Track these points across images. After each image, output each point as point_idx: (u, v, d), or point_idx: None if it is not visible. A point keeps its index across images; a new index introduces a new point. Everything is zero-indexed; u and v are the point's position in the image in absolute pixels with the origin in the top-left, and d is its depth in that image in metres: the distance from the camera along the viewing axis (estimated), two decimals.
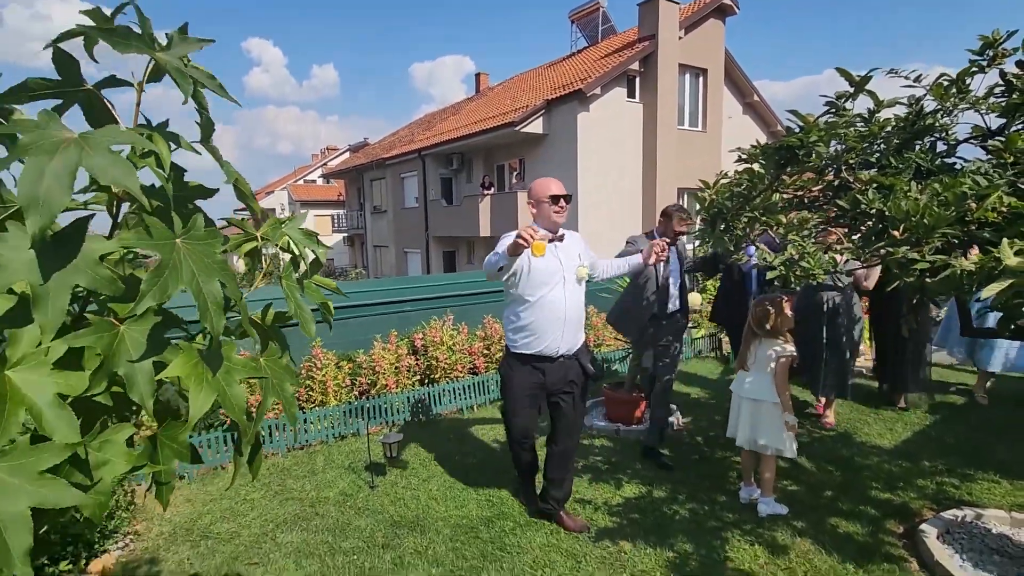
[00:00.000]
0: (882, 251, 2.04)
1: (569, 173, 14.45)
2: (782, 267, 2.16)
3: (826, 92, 2.47)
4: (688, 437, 4.04)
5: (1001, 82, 2.35)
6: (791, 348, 2.93)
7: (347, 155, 32.89)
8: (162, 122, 0.75)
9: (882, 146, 2.57)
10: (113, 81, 0.73)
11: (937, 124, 2.48)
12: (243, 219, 0.96)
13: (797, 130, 2.13)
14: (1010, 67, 2.35)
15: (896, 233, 1.96)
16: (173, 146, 0.74)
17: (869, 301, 4.71)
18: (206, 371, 0.74)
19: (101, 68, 0.87)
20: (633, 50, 14.78)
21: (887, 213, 2.02)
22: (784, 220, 2.41)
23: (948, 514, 2.79)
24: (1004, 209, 1.88)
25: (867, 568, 2.43)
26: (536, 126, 14.95)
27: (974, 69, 2.39)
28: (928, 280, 1.77)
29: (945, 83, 2.42)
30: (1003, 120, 2.34)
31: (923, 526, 2.67)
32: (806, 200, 2.77)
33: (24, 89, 0.66)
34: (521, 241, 2.23)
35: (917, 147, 2.52)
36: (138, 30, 0.68)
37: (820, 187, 2.75)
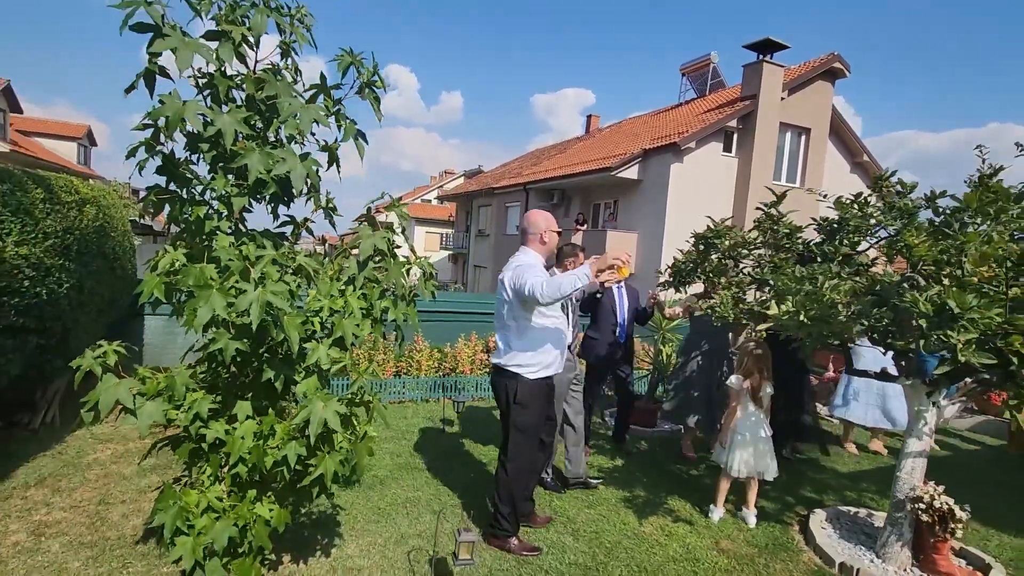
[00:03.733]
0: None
1: (658, 218, 15.55)
2: (708, 309, 3.42)
3: (984, 147, 2.77)
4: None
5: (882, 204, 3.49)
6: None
7: (461, 180, 35.93)
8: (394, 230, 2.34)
9: (822, 236, 3.75)
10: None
11: (862, 226, 3.62)
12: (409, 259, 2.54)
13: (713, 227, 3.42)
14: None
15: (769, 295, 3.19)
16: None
17: None
18: (400, 304, 2.30)
19: None
20: (732, 109, 15.67)
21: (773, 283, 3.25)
22: (724, 280, 3.65)
23: (843, 508, 3.78)
24: (845, 288, 3.06)
25: (760, 525, 3.54)
26: (632, 172, 16.24)
27: (867, 193, 3.55)
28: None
29: (847, 201, 3.59)
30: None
31: (817, 510, 3.71)
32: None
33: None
34: (619, 262, 2.56)
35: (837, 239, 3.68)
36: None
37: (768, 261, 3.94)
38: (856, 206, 3.51)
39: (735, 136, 16.07)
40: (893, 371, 3.41)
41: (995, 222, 2.46)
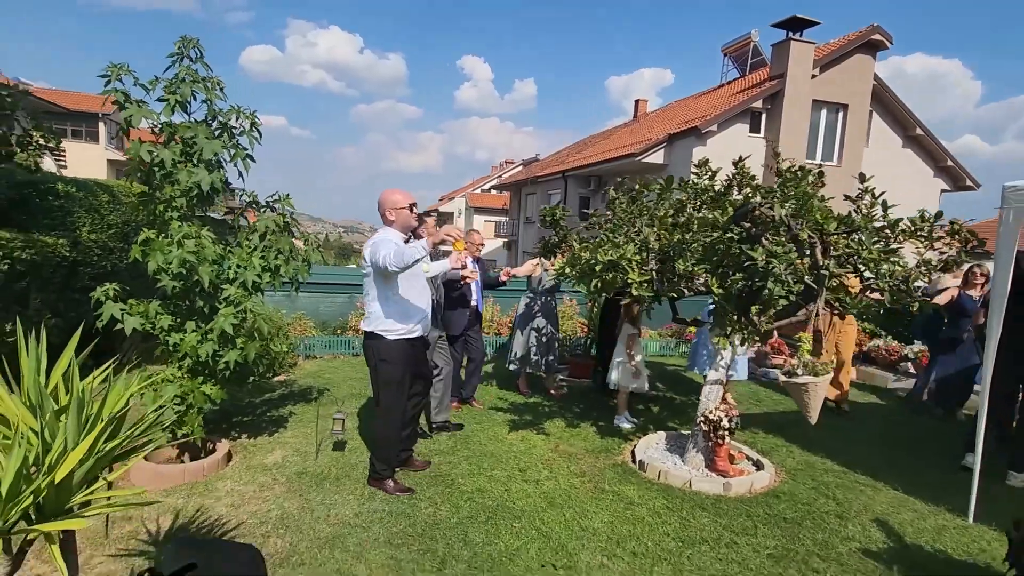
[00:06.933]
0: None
1: None
2: (555, 271, 4.43)
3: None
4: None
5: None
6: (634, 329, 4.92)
7: (520, 168, 37.08)
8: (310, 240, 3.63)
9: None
10: None
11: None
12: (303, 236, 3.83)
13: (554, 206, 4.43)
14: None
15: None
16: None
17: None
18: (290, 263, 3.60)
19: None
20: (756, 90, 15.73)
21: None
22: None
23: (684, 432, 4.67)
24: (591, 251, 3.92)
25: (605, 439, 4.54)
26: (657, 157, 16.71)
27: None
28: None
29: (639, 184, 4.45)
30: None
31: (659, 432, 4.63)
32: None
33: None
34: (450, 237, 2.96)
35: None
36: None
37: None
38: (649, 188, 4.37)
39: (763, 117, 16.09)
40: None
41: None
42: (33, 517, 1.33)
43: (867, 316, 8.47)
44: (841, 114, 16.63)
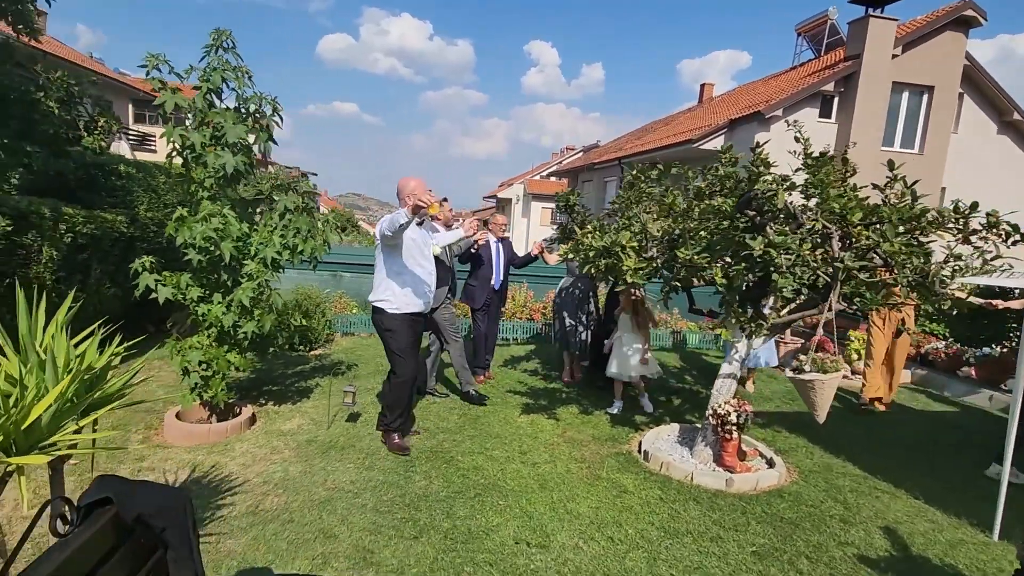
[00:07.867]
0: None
1: None
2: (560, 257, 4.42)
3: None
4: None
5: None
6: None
7: (579, 155, 36.62)
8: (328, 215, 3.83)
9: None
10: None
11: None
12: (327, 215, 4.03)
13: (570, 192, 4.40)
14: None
15: None
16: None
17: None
18: (308, 241, 3.81)
19: None
20: (828, 72, 14.74)
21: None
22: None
23: (699, 425, 4.56)
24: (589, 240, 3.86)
25: (615, 427, 4.52)
26: (716, 143, 16.01)
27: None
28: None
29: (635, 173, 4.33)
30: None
31: (673, 424, 4.55)
32: None
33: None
34: (422, 202, 2.99)
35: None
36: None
37: None
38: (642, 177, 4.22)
39: (835, 100, 15.09)
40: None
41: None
42: (14, 448, 1.54)
43: (939, 317, 7.89)
44: (926, 97, 15.34)
